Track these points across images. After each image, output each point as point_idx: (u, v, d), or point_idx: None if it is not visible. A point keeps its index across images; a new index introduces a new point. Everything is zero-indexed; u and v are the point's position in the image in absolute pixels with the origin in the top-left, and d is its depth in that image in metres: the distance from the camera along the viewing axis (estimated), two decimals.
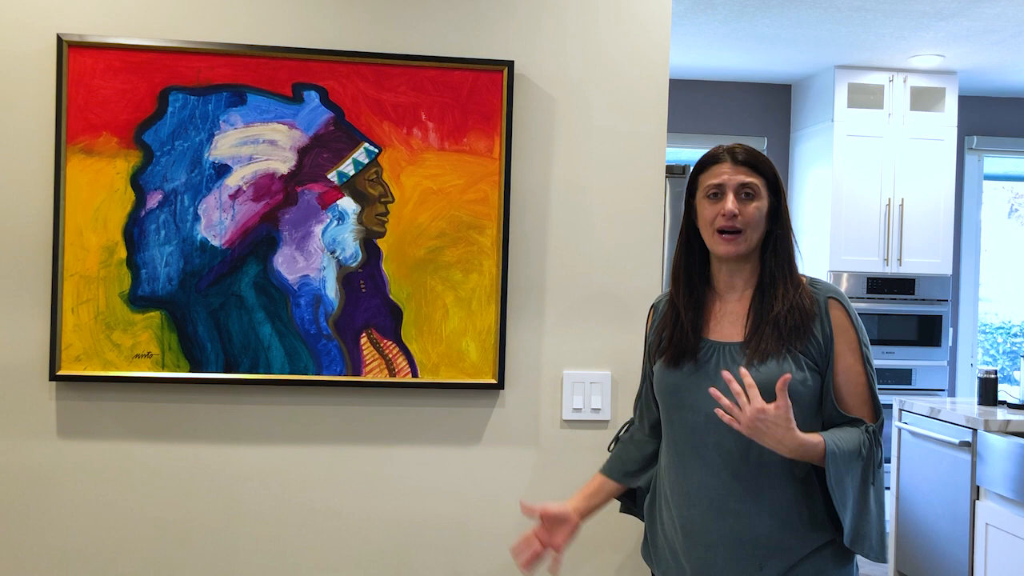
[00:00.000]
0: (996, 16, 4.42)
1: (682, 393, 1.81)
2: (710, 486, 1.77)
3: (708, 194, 1.81)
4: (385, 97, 2.25)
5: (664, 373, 1.85)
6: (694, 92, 5.85)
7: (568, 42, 2.34)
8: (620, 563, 2.38)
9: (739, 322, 1.82)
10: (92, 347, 2.18)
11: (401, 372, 2.27)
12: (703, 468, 1.79)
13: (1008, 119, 6.12)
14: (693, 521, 1.79)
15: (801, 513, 1.75)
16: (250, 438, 2.27)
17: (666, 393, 1.85)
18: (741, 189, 1.79)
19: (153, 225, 2.19)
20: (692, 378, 1.81)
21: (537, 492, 2.33)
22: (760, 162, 1.82)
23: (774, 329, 1.76)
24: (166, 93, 2.19)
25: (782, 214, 1.83)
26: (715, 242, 1.81)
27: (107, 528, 2.23)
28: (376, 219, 2.25)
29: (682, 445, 1.82)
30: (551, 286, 2.34)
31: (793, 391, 1.71)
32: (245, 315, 2.22)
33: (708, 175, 1.83)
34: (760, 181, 1.81)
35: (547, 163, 2.33)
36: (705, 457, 1.78)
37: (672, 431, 1.85)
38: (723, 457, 1.76)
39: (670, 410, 1.85)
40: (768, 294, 1.80)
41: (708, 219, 1.81)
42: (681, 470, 1.82)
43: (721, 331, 1.83)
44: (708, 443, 1.78)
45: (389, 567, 2.31)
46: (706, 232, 1.82)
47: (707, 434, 1.78)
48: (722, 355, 1.80)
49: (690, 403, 1.80)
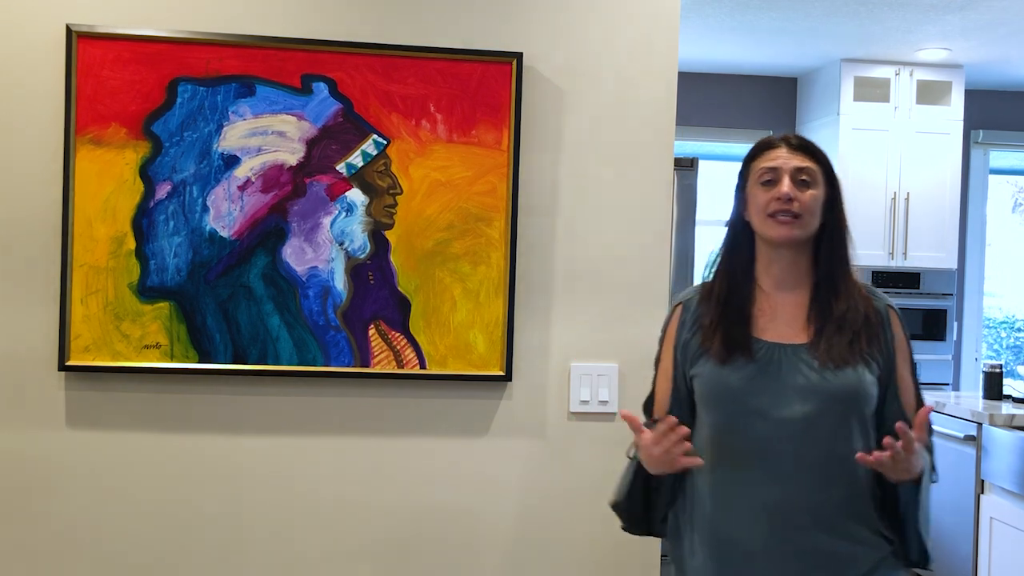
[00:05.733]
0: (1004, 9, 4.40)
1: (747, 397, 1.66)
2: (782, 500, 1.63)
3: (762, 180, 1.69)
4: (394, 89, 2.25)
5: (717, 373, 1.69)
6: (700, 85, 5.83)
7: (577, 34, 2.34)
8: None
9: (797, 322, 1.70)
10: (101, 338, 2.18)
11: (409, 364, 2.27)
12: (771, 481, 1.64)
13: (1014, 113, 6.11)
14: (755, 540, 1.64)
15: (873, 525, 1.67)
16: (258, 429, 2.27)
17: (725, 397, 1.69)
18: (797, 174, 1.68)
19: (162, 216, 2.20)
20: (757, 381, 1.66)
21: (544, 484, 2.34)
22: (816, 150, 1.72)
23: (841, 332, 1.66)
24: (175, 84, 2.19)
25: (838, 206, 1.72)
26: (768, 225, 1.68)
27: (115, 517, 2.24)
28: (384, 211, 2.26)
29: (742, 455, 1.67)
30: (559, 278, 2.34)
31: (867, 397, 1.66)
32: (254, 306, 2.23)
33: (761, 160, 1.71)
34: (817, 168, 1.70)
35: (555, 155, 2.33)
36: (775, 469, 1.64)
37: (730, 439, 1.68)
38: (803, 468, 1.63)
39: (731, 416, 1.68)
40: (827, 293, 1.69)
41: (761, 205, 1.68)
42: (738, 483, 1.67)
43: (777, 331, 1.70)
44: (781, 453, 1.63)
45: (396, 557, 2.32)
46: (758, 219, 1.70)
47: (780, 443, 1.64)
48: (786, 357, 1.67)
49: (757, 408, 1.65)
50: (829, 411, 1.65)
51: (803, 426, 1.64)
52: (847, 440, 1.65)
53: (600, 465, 2.33)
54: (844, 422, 1.66)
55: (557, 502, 2.34)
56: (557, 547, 2.35)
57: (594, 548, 2.35)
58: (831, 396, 1.65)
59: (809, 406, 1.62)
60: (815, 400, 1.64)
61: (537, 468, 2.34)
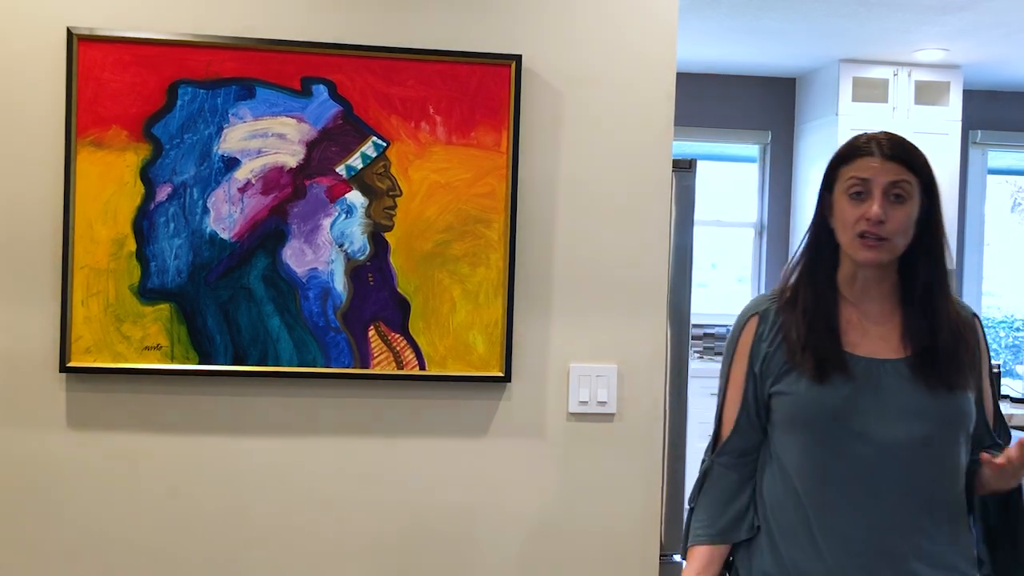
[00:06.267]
0: (1002, 10, 4.41)
1: (850, 419, 1.55)
2: (891, 526, 1.54)
3: (851, 191, 1.58)
4: (393, 91, 2.26)
5: (814, 392, 1.57)
6: (699, 86, 5.85)
7: (576, 36, 2.34)
8: None
9: (891, 336, 1.61)
10: (102, 339, 2.19)
11: (409, 365, 2.28)
12: (878, 507, 1.55)
13: (1012, 113, 6.12)
14: (864, 569, 1.55)
15: (969, 553, 1.61)
16: (258, 430, 2.28)
17: (825, 417, 1.57)
18: (891, 188, 1.57)
19: (162, 218, 2.20)
20: (858, 401, 1.56)
21: (543, 484, 2.35)
22: (914, 157, 1.60)
23: (947, 351, 1.58)
24: (175, 86, 2.20)
25: (935, 219, 1.64)
26: (855, 247, 1.59)
27: (116, 518, 2.25)
28: (384, 212, 2.27)
29: (843, 481, 1.56)
30: (558, 280, 2.35)
31: (972, 417, 1.60)
32: (254, 307, 2.24)
33: (852, 168, 1.59)
34: (913, 180, 1.58)
35: (555, 157, 2.34)
36: (882, 494, 1.54)
37: (828, 463, 1.57)
38: (909, 492, 1.55)
39: (832, 439, 1.57)
40: (925, 309, 1.61)
41: (849, 220, 1.58)
42: (840, 510, 1.56)
43: (871, 345, 1.60)
44: (885, 477, 1.54)
45: (396, 557, 2.33)
46: (845, 234, 1.60)
47: (884, 466, 1.54)
48: (886, 375, 1.57)
49: (861, 430, 1.55)
50: (940, 433, 1.57)
51: (911, 448, 1.55)
52: (955, 462, 1.59)
53: (599, 465, 2.35)
54: (954, 444, 1.59)
55: (556, 502, 2.35)
56: (556, 546, 2.36)
57: (593, 547, 2.36)
58: (943, 418, 1.57)
59: (919, 428, 1.54)
60: (926, 422, 1.56)
61: (536, 468, 2.35)
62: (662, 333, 2.38)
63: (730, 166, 6.24)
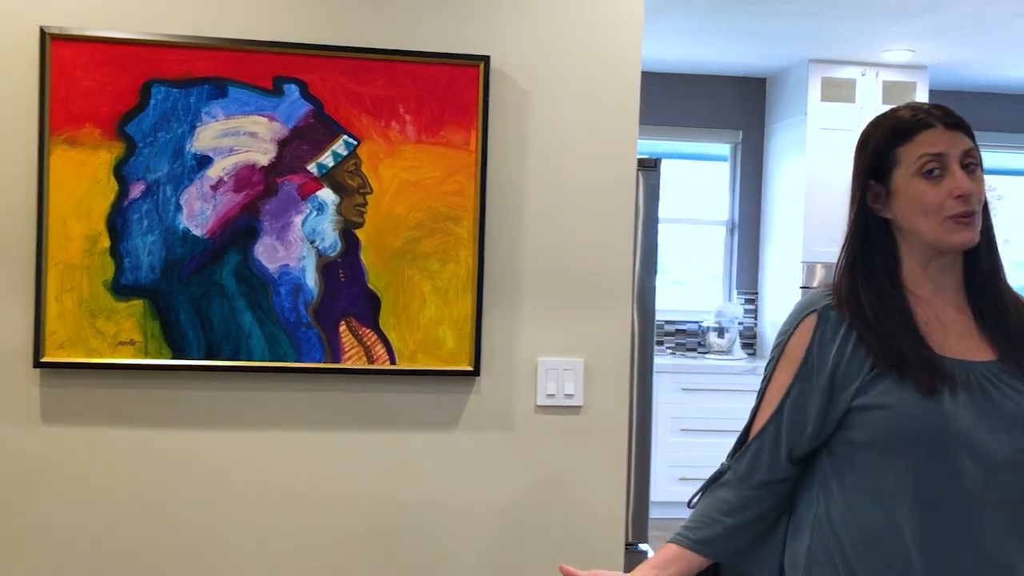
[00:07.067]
0: (964, 13, 4.51)
1: (965, 432, 1.36)
2: (1005, 554, 1.36)
3: (925, 170, 1.41)
4: (364, 90, 2.30)
5: (921, 404, 1.36)
6: (672, 85, 5.92)
7: (543, 38, 2.39)
8: None
9: (971, 335, 1.44)
10: (76, 334, 2.22)
11: (379, 359, 2.32)
12: (986, 533, 1.36)
13: (977, 113, 6.21)
14: None
15: None
16: (232, 424, 2.32)
17: (935, 432, 1.36)
18: (965, 158, 1.41)
19: (136, 215, 2.23)
20: (971, 411, 1.37)
21: (512, 475, 2.40)
22: (966, 122, 1.46)
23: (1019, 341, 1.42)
24: (148, 85, 2.23)
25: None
26: (946, 231, 1.39)
27: (91, 513, 2.28)
28: (355, 210, 2.31)
29: (956, 506, 1.37)
30: (526, 276, 2.40)
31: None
32: (226, 303, 2.27)
33: (916, 145, 1.42)
34: (975, 146, 1.44)
35: (522, 156, 2.39)
36: (985, 517, 1.36)
37: (947, 485, 1.37)
38: (1012, 514, 1.37)
39: (941, 456, 1.36)
40: (993, 298, 1.45)
41: (932, 203, 1.39)
42: (949, 543, 1.36)
43: (956, 346, 1.42)
44: (992, 500, 1.36)
45: (369, 550, 2.37)
46: (928, 220, 1.40)
47: (991, 487, 1.36)
48: (986, 380, 1.39)
49: (971, 444, 1.36)
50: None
51: (1019, 465, 1.38)
52: None
53: (566, 456, 2.40)
54: None
55: (524, 493, 2.41)
56: (524, 536, 2.41)
57: (560, 537, 2.41)
58: None
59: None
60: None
61: (505, 460, 2.40)
62: (628, 328, 2.43)
63: (702, 165, 6.32)
